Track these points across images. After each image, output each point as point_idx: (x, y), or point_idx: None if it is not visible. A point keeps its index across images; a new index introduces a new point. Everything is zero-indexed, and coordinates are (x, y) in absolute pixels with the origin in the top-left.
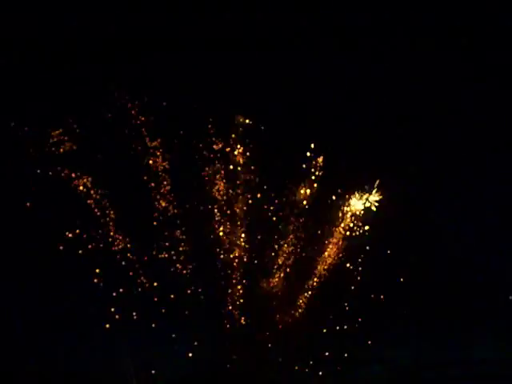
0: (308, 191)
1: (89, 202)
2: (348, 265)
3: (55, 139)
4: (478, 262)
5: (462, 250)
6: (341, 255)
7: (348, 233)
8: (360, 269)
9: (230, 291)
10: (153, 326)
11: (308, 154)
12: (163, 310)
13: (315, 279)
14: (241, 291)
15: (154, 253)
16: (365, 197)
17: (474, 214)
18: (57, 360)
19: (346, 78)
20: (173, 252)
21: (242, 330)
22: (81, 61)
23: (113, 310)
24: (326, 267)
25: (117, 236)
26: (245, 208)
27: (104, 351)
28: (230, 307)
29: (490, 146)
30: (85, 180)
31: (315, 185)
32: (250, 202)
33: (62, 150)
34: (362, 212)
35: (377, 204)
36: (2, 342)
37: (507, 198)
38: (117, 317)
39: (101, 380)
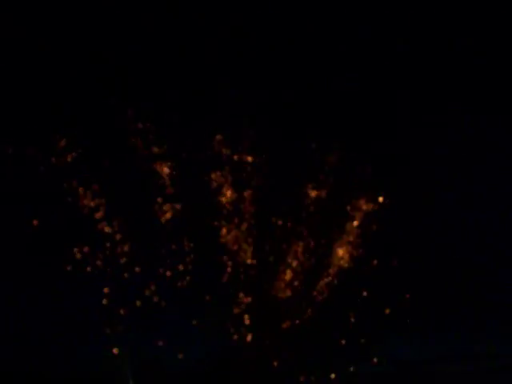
0: (315, 193)
1: (96, 216)
2: (352, 264)
3: (58, 152)
4: (480, 258)
5: (467, 245)
6: (347, 256)
7: (354, 236)
8: (364, 267)
9: (237, 299)
10: (159, 332)
11: (316, 156)
12: (170, 318)
13: (322, 281)
14: (249, 298)
15: (161, 262)
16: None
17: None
18: (57, 360)
19: (353, 79)
20: (180, 263)
21: (250, 337)
22: (86, 68)
23: (120, 312)
24: (332, 268)
25: (122, 245)
26: (252, 215)
27: (106, 352)
28: (238, 315)
29: (491, 145)
30: (91, 191)
31: (324, 189)
32: (257, 208)
33: (66, 161)
34: (370, 215)
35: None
36: (2, 342)
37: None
38: (119, 326)
39: (101, 380)
